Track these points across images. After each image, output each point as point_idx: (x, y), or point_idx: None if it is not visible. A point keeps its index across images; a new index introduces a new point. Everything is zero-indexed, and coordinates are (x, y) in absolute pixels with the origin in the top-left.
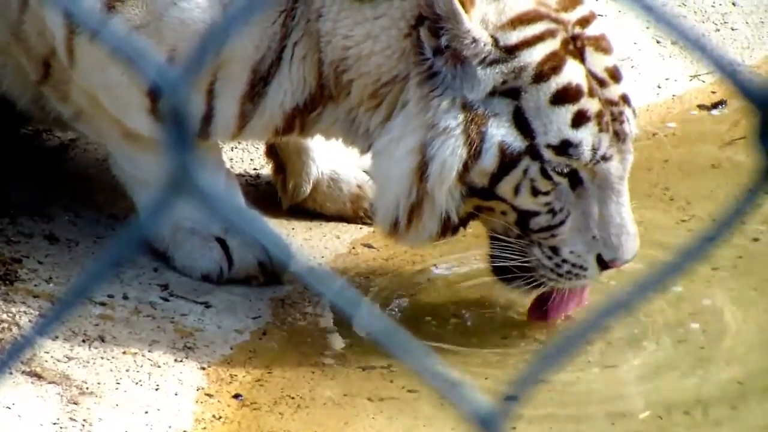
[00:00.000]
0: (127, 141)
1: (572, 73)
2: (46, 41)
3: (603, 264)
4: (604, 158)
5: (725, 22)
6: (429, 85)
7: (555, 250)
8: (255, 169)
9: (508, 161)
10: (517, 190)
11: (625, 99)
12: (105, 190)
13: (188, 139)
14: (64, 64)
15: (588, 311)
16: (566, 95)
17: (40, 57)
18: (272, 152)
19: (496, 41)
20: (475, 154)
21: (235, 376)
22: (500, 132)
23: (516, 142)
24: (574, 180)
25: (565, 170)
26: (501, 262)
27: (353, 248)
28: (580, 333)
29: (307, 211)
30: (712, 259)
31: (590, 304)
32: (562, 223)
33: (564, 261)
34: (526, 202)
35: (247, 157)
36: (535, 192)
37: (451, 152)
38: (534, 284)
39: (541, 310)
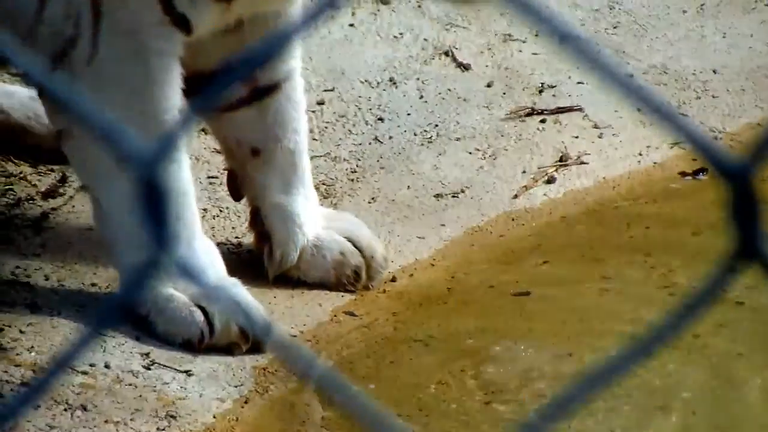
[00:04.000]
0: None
1: None
2: None
3: None
4: None
5: (706, 90)
6: None
7: None
8: (236, 237)
9: None
10: None
11: None
12: (87, 258)
13: (165, 213)
14: None
15: (567, 384)
16: None
17: None
18: (256, 221)
19: None
20: None
21: None
22: None
23: None
24: None
25: None
26: None
27: (335, 316)
28: (558, 405)
29: (288, 279)
30: (697, 326)
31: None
32: None
33: None
34: None
35: (228, 225)
36: None
37: None
38: None
39: None
